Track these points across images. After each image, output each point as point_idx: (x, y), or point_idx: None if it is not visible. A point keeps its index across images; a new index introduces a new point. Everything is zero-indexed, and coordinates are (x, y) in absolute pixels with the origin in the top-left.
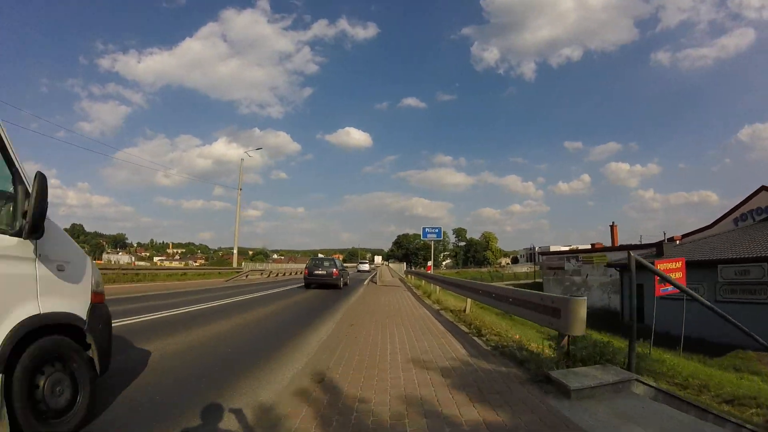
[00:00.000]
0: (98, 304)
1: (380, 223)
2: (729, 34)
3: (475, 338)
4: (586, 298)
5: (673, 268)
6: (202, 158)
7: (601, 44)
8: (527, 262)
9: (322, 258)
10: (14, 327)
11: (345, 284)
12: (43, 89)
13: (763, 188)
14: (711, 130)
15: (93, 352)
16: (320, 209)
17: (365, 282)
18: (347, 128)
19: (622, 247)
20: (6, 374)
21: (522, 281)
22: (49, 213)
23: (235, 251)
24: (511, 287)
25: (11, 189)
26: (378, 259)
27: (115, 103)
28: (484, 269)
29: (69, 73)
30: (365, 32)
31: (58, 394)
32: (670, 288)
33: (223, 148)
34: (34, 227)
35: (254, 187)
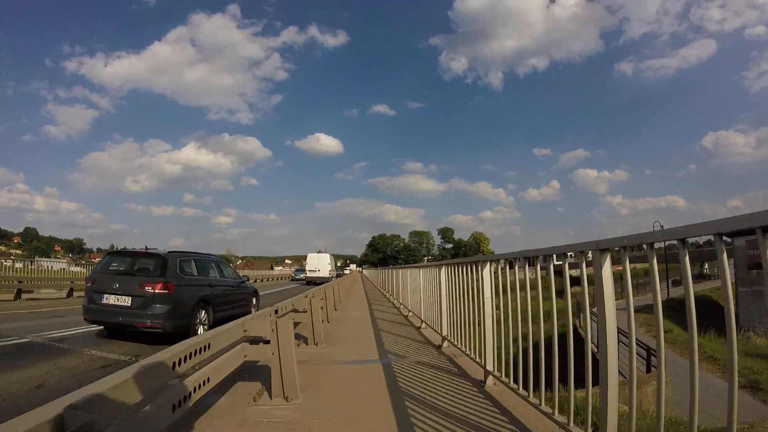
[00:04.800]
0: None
1: (353, 229)
2: (690, 45)
3: None
4: None
5: None
6: (171, 164)
7: (567, 54)
8: (530, 266)
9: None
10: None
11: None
12: (9, 91)
13: None
14: (675, 137)
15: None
16: (292, 215)
17: None
18: (317, 134)
19: None
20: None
21: None
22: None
23: None
24: None
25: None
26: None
27: (81, 107)
28: None
29: (35, 75)
30: (335, 40)
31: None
32: None
33: (193, 154)
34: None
35: (225, 194)
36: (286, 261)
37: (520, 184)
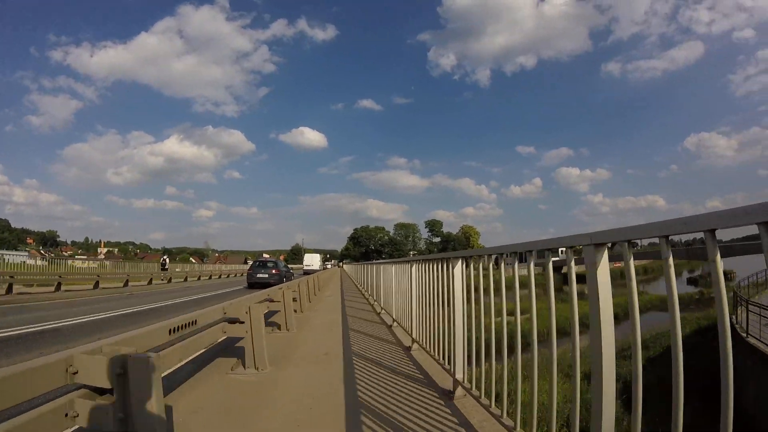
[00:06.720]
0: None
1: (336, 224)
2: (678, 47)
3: None
4: None
5: None
6: (154, 156)
7: (556, 53)
8: (521, 262)
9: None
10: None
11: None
12: None
13: None
14: (658, 137)
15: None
16: (274, 209)
17: None
18: (302, 128)
19: None
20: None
21: None
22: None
23: None
24: None
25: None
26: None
27: (66, 97)
28: None
29: (19, 64)
30: (324, 33)
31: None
32: None
33: (176, 146)
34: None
35: (207, 187)
36: (265, 255)
37: (503, 181)
